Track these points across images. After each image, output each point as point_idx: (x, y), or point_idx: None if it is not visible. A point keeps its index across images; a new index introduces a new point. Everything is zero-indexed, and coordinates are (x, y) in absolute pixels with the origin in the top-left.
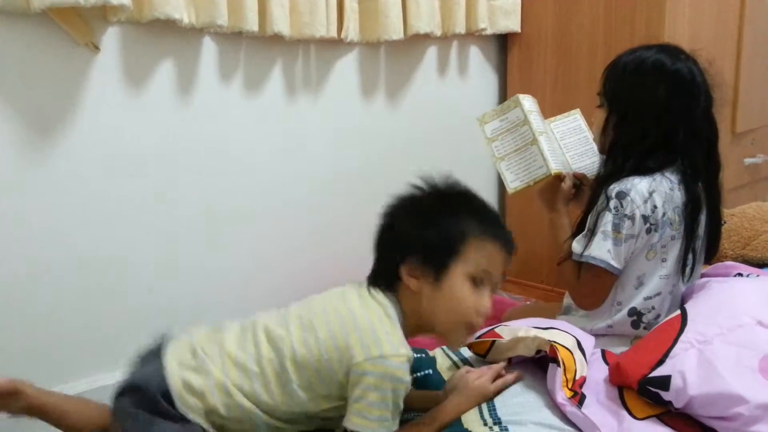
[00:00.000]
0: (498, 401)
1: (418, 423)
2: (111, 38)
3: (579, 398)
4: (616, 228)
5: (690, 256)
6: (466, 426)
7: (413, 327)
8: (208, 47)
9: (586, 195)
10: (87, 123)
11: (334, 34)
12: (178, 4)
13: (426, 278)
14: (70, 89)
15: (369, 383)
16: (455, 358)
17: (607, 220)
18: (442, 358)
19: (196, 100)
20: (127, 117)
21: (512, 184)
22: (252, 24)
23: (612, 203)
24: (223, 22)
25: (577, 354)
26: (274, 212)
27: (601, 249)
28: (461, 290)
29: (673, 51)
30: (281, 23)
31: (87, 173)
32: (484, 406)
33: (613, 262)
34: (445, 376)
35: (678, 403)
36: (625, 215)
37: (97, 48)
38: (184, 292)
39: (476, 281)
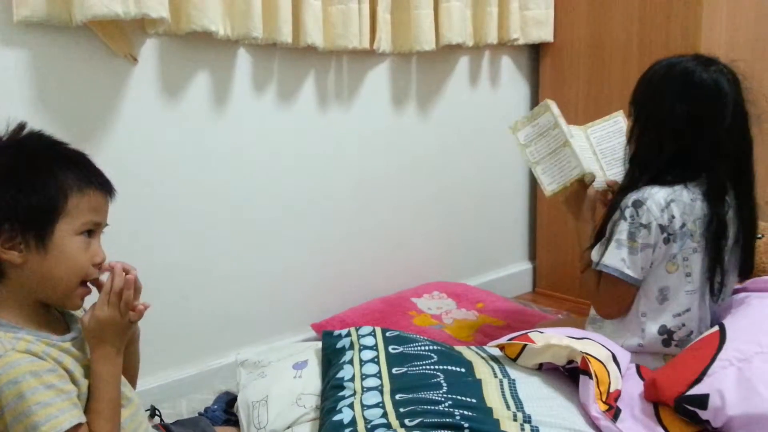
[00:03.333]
0: (527, 401)
1: None
2: (149, 50)
3: (614, 412)
4: (632, 237)
5: (718, 272)
6: (496, 417)
7: (35, 301)
8: (243, 58)
9: None
10: (124, 132)
11: (366, 45)
12: (214, 16)
13: (29, 247)
14: (108, 99)
15: (3, 406)
16: (484, 354)
17: (622, 228)
18: (473, 357)
19: (231, 110)
20: (163, 126)
21: (549, 187)
22: (286, 36)
23: (628, 212)
24: (258, 34)
25: (611, 367)
26: (305, 220)
27: (615, 258)
28: (72, 251)
29: (705, 61)
30: (315, 35)
31: (123, 181)
32: (510, 398)
33: (628, 271)
34: (480, 372)
35: (716, 423)
36: (641, 224)
37: (135, 59)
38: (217, 299)
39: (85, 234)
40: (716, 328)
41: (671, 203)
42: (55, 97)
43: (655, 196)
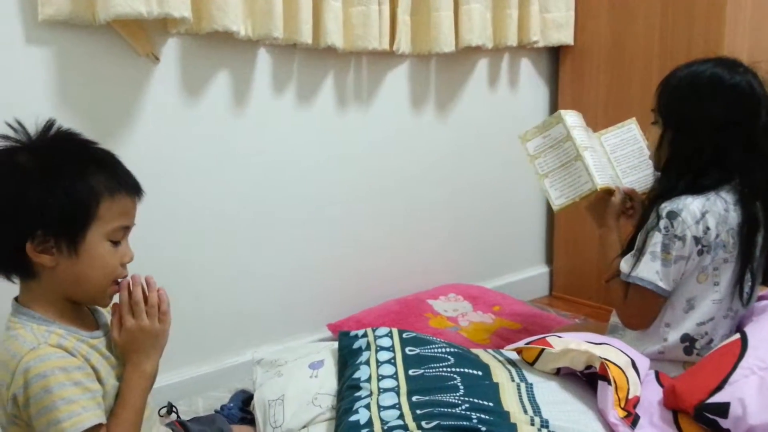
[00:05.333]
0: (544, 406)
1: None
2: (170, 49)
3: (633, 419)
4: (666, 249)
5: (748, 278)
6: (513, 421)
7: (66, 298)
8: (263, 58)
9: (638, 211)
10: (145, 130)
11: (386, 46)
12: (236, 16)
13: (62, 251)
14: (130, 97)
15: (30, 397)
16: (501, 358)
17: (657, 240)
18: (490, 360)
19: (250, 110)
20: (183, 125)
21: (557, 201)
22: (306, 36)
23: (662, 223)
24: (279, 34)
25: (631, 373)
26: (322, 220)
27: (650, 270)
28: (104, 254)
29: (731, 64)
30: (334, 36)
31: (142, 178)
32: (527, 402)
33: (661, 284)
34: (497, 375)
35: None
36: (676, 236)
37: (157, 58)
38: (234, 298)
39: (116, 240)
40: (737, 335)
41: (706, 214)
42: (77, 95)
43: (690, 206)
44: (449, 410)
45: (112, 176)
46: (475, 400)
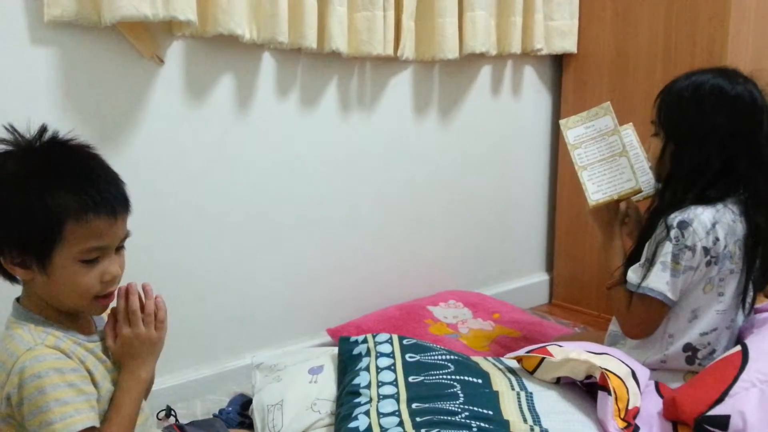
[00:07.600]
0: (544, 415)
1: None
2: (175, 51)
3: (632, 430)
4: (675, 259)
5: (750, 289)
6: (513, 430)
7: (56, 307)
8: (268, 62)
9: (632, 219)
10: (148, 132)
11: (390, 52)
12: (241, 20)
13: (33, 269)
14: (134, 99)
15: (24, 398)
16: (501, 366)
17: (667, 250)
18: (490, 368)
19: (254, 114)
20: (186, 127)
21: (593, 196)
22: (311, 41)
23: (673, 233)
24: (284, 38)
25: (631, 383)
26: (323, 225)
27: (660, 281)
28: (74, 276)
29: (731, 74)
30: (339, 41)
31: (145, 180)
32: (527, 411)
33: (669, 294)
34: (497, 383)
35: None
36: (686, 246)
37: (161, 61)
38: (233, 301)
39: (89, 259)
40: (738, 347)
41: (716, 225)
42: (82, 95)
43: (701, 217)
44: (449, 418)
45: (84, 197)
46: (475, 409)
